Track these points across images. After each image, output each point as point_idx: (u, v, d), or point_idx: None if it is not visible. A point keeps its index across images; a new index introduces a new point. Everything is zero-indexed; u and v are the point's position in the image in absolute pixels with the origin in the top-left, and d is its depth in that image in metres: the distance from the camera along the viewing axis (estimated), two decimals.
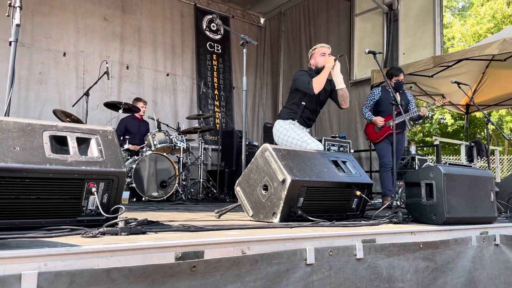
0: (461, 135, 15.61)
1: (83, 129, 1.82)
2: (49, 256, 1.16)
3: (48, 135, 1.70)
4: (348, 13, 8.06)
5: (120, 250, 1.30)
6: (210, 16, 8.94)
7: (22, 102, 6.76)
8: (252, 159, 2.52)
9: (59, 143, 1.73)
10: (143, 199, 5.46)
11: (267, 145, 2.45)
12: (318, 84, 3.59)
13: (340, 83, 3.76)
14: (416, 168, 6.30)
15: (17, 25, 2.07)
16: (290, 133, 3.72)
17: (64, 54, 7.25)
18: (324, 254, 1.82)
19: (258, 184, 2.46)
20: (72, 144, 1.73)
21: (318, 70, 3.74)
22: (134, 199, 5.54)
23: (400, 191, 4.32)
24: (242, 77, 8.33)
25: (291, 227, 2.08)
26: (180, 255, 1.41)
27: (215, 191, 6.48)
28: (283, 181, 2.29)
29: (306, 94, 3.75)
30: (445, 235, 2.41)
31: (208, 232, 1.74)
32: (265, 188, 2.41)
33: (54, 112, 5.61)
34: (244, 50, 3.35)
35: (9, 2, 2.10)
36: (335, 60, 3.69)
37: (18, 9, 2.08)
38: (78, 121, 5.62)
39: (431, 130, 16.88)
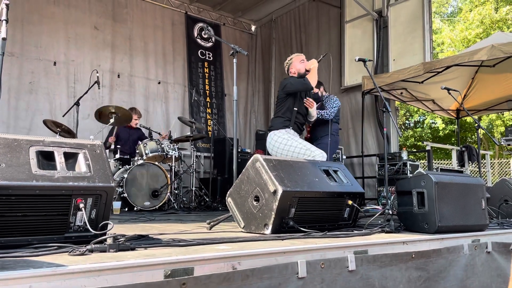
0: (453, 139, 15.73)
1: (71, 143, 1.80)
2: (34, 278, 1.13)
3: (35, 150, 1.67)
4: (338, 20, 8.12)
5: (107, 269, 1.28)
6: (201, 24, 8.96)
7: (12, 112, 6.70)
8: (243, 170, 2.50)
9: (46, 158, 1.71)
10: (135, 208, 5.41)
11: (258, 155, 2.44)
12: (313, 80, 3.79)
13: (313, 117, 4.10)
14: (408, 173, 6.32)
15: (3, 39, 2.05)
16: (291, 142, 3.68)
17: (55, 63, 7.22)
18: (316, 267, 1.81)
19: (249, 195, 2.44)
20: (60, 160, 1.71)
21: (301, 76, 3.93)
22: (126, 209, 5.49)
23: (392, 198, 4.32)
24: (234, 85, 8.30)
25: (282, 239, 2.06)
26: (169, 272, 1.39)
27: (207, 199, 6.45)
28: (274, 192, 2.28)
29: (296, 99, 3.85)
30: (437, 244, 2.40)
31: (198, 247, 1.72)
32: (257, 199, 2.39)
33: (45, 122, 5.56)
34: (234, 60, 3.34)
35: None
36: (319, 61, 4.00)
37: (4, 22, 2.06)
38: (68, 131, 5.57)
39: (423, 134, 16.99)
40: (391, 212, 2.85)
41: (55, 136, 5.55)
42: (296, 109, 3.87)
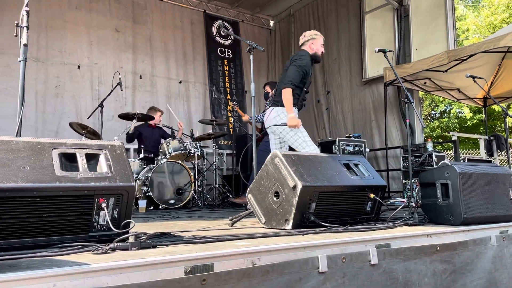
0: (481, 128, 15.29)
1: (92, 145, 1.84)
2: (58, 277, 1.17)
3: (58, 152, 1.72)
4: (358, 11, 8.00)
5: (129, 267, 1.30)
6: (218, 22, 9.00)
7: (40, 115, 6.89)
8: (263, 166, 2.51)
9: (69, 160, 1.76)
10: (160, 207, 5.50)
11: (276, 151, 2.44)
12: (286, 101, 3.58)
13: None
14: (434, 165, 6.19)
15: (25, 45, 2.10)
16: (302, 129, 3.62)
17: (79, 67, 7.37)
18: (337, 261, 1.80)
19: (269, 191, 2.44)
20: (82, 161, 1.75)
21: (316, 58, 3.86)
22: (152, 207, 5.59)
23: (416, 191, 4.25)
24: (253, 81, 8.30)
25: (303, 234, 2.06)
26: (190, 269, 1.41)
27: (231, 196, 6.49)
28: (294, 187, 2.28)
29: (307, 77, 3.75)
30: (463, 236, 2.35)
31: (218, 244, 1.73)
32: (277, 195, 2.40)
33: (71, 124, 5.71)
34: (251, 56, 3.34)
35: (16, 22, 2.14)
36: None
37: (25, 29, 2.12)
38: (94, 132, 5.71)
39: (450, 124, 16.58)
40: (414, 205, 2.80)
41: (81, 138, 5.70)
42: (305, 89, 3.80)
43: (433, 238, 2.23)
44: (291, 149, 3.74)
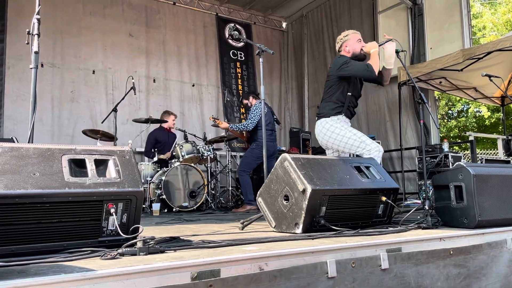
0: (500, 127, 14.98)
1: (101, 150, 1.86)
2: (65, 283, 1.18)
3: (67, 159, 1.75)
4: (371, 11, 7.93)
5: (135, 272, 1.31)
6: (230, 25, 9.03)
7: (56, 120, 7.01)
8: (272, 170, 2.50)
9: (78, 166, 1.78)
10: (174, 210, 5.54)
11: (286, 154, 2.43)
12: (376, 68, 3.35)
13: (392, 64, 3.59)
14: (450, 166, 6.08)
15: (36, 53, 2.14)
16: (344, 133, 3.34)
17: (93, 72, 7.48)
18: (346, 266, 1.78)
19: (279, 195, 2.43)
20: (91, 166, 1.77)
21: (356, 57, 3.52)
22: (165, 210, 5.63)
23: (430, 193, 4.18)
24: (266, 83, 8.32)
25: (312, 238, 2.04)
26: (196, 274, 1.41)
27: (244, 198, 6.48)
28: (304, 191, 2.26)
29: (351, 82, 3.46)
30: (478, 239, 2.30)
31: (226, 248, 1.73)
32: (286, 198, 2.38)
33: (84, 132, 5.81)
34: (261, 59, 3.34)
35: (27, 30, 2.18)
36: (380, 45, 3.52)
37: (36, 36, 2.15)
38: (107, 135, 5.79)
39: (467, 124, 16.29)
40: (428, 207, 2.75)
41: (96, 142, 5.79)
42: (350, 94, 3.46)
43: (446, 242, 2.18)
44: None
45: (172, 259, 1.47)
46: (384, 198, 2.59)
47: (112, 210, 1.73)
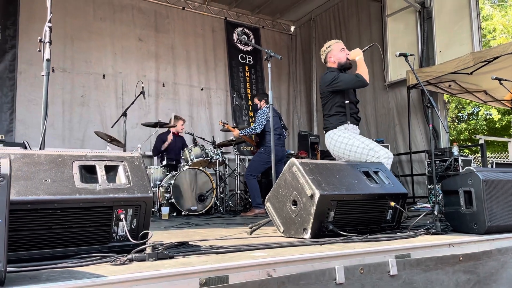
0: (511, 130, 14.83)
1: (111, 157, 1.88)
2: None
3: (78, 165, 1.77)
4: (379, 14, 7.92)
5: (144, 278, 1.32)
6: (239, 29, 9.07)
7: (66, 124, 7.09)
8: (280, 174, 2.51)
9: (89, 172, 1.80)
10: (183, 213, 5.56)
11: (294, 159, 2.43)
12: (366, 75, 3.37)
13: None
14: (460, 169, 6.04)
15: (47, 60, 2.17)
16: (353, 142, 3.31)
17: (104, 76, 7.55)
18: (354, 272, 1.78)
19: (287, 200, 2.44)
20: (101, 172, 1.80)
21: (342, 66, 3.56)
22: (174, 214, 5.66)
23: (440, 197, 4.15)
24: (275, 86, 8.32)
25: (321, 244, 2.04)
26: (205, 281, 1.42)
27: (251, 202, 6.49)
28: (312, 196, 2.26)
29: (344, 92, 3.47)
30: (487, 245, 2.28)
31: (234, 254, 1.74)
32: (294, 203, 2.39)
33: (96, 133, 5.87)
34: (269, 65, 3.35)
35: (39, 37, 2.22)
36: (364, 51, 3.53)
37: (48, 44, 2.19)
38: (118, 140, 5.85)
39: (478, 127, 16.14)
40: (436, 212, 2.74)
41: (106, 145, 5.84)
42: (347, 101, 3.47)
43: (455, 248, 2.17)
44: None
45: (181, 265, 1.48)
46: (392, 203, 2.58)
47: (122, 216, 1.75)
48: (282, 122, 6.09)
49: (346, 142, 3.35)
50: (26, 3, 6.95)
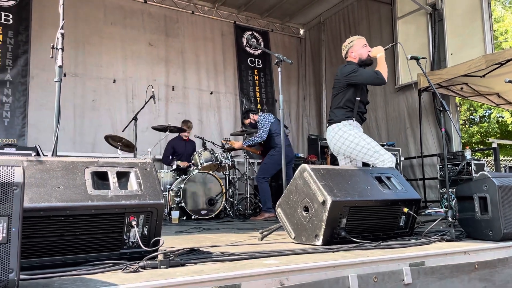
0: None
1: (123, 163, 1.88)
2: None
3: (90, 171, 1.77)
4: (390, 17, 7.87)
5: (156, 287, 1.32)
6: (248, 33, 9.09)
7: (78, 129, 7.13)
8: (291, 180, 2.49)
9: (101, 178, 1.80)
10: (193, 217, 5.56)
11: (305, 165, 2.41)
12: (385, 73, 3.37)
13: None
14: (473, 173, 5.96)
15: (60, 67, 2.19)
16: (358, 141, 3.27)
17: (114, 81, 7.59)
18: (368, 281, 1.75)
19: (298, 206, 2.42)
20: (113, 179, 1.80)
21: (363, 62, 3.51)
22: (184, 218, 5.66)
23: (453, 203, 4.09)
24: (284, 90, 8.31)
25: (333, 251, 2.02)
26: None
27: (262, 206, 6.47)
28: (324, 202, 2.24)
29: (358, 88, 3.43)
30: (503, 253, 2.24)
31: (246, 262, 1.72)
32: (306, 209, 2.37)
33: (106, 138, 5.90)
34: (279, 69, 3.33)
35: (52, 44, 2.24)
36: (386, 49, 3.52)
37: (60, 51, 2.20)
38: (128, 144, 5.87)
39: (490, 130, 15.94)
40: (450, 218, 2.69)
41: (116, 150, 5.87)
42: (358, 98, 3.43)
43: (471, 255, 2.13)
44: (365, 165, 3.41)
45: (193, 273, 1.47)
46: (406, 210, 2.55)
47: (134, 223, 1.74)
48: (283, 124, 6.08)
49: (351, 139, 3.32)
50: (38, 9, 7.03)
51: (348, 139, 3.33)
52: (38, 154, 5.48)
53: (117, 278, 1.41)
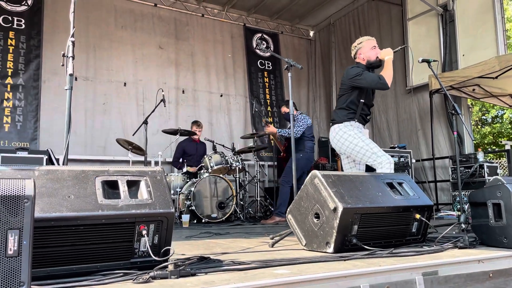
0: None
1: (133, 171, 1.88)
2: None
3: (100, 180, 1.78)
4: (400, 18, 7.81)
5: None
6: (258, 35, 9.08)
7: (89, 132, 7.20)
8: (302, 186, 2.47)
9: (111, 187, 1.80)
10: (203, 221, 5.57)
11: (316, 171, 2.39)
12: (389, 78, 3.32)
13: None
14: (486, 176, 5.88)
15: (70, 75, 2.20)
16: (357, 142, 3.30)
17: (125, 84, 7.64)
18: None
19: (309, 212, 2.40)
20: (123, 188, 1.80)
21: (371, 64, 3.50)
22: (195, 221, 5.67)
23: (466, 208, 4.03)
24: (294, 92, 8.30)
25: (344, 260, 2.00)
26: None
27: (272, 209, 6.46)
28: (335, 209, 2.22)
29: (363, 91, 3.44)
30: None
31: (257, 271, 1.71)
32: (317, 216, 2.35)
33: (117, 140, 5.94)
34: (289, 74, 3.31)
35: (62, 52, 2.25)
36: (395, 52, 3.45)
37: (71, 59, 2.22)
38: (139, 148, 5.90)
39: (503, 130, 15.73)
40: (463, 223, 2.65)
41: (127, 152, 5.90)
42: (363, 101, 3.45)
43: (485, 264, 2.09)
44: (368, 168, 3.44)
45: (203, 284, 1.46)
46: (418, 216, 2.51)
47: (144, 232, 1.74)
48: None
49: (350, 140, 3.35)
50: (50, 14, 7.11)
51: (347, 140, 3.37)
52: (50, 158, 5.53)
53: None
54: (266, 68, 9.14)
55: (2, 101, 6.55)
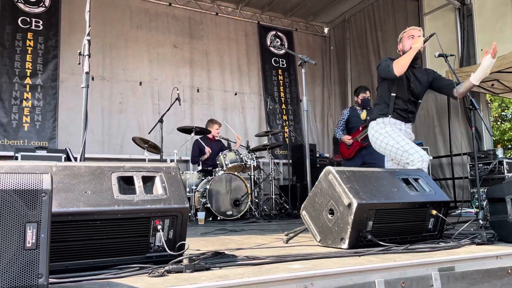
0: None
1: (148, 167, 1.91)
2: None
3: (116, 176, 1.80)
4: (417, 13, 7.70)
5: None
6: (272, 33, 9.07)
7: (106, 131, 7.30)
8: (316, 182, 2.47)
9: (127, 183, 1.83)
10: (218, 218, 5.60)
11: (330, 167, 2.39)
12: (399, 65, 3.14)
13: (479, 79, 3.34)
14: (505, 173, 5.76)
15: (86, 73, 2.24)
16: (388, 140, 3.20)
17: (140, 83, 7.73)
18: (395, 286, 1.71)
19: (323, 208, 2.39)
20: (138, 184, 1.82)
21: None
22: (210, 219, 5.70)
23: (484, 204, 3.97)
24: (309, 89, 8.25)
25: (359, 255, 1.99)
26: None
27: (287, 206, 6.46)
28: (349, 205, 2.21)
29: (393, 82, 3.31)
30: None
31: (271, 266, 1.72)
32: (331, 212, 2.34)
33: (133, 139, 6.01)
34: (303, 70, 3.31)
35: (79, 51, 2.29)
36: (425, 41, 3.32)
37: (87, 57, 2.25)
38: (155, 146, 5.96)
39: None
40: (481, 220, 2.61)
41: (143, 151, 5.97)
42: (394, 94, 3.29)
43: (503, 260, 2.06)
44: None
45: (218, 278, 1.48)
46: (434, 212, 2.49)
47: (159, 227, 1.76)
48: None
49: (382, 139, 3.28)
50: (67, 15, 7.23)
51: (379, 139, 3.29)
52: (68, 156, 5.63)
53: (143, 282, 1.43)
54: (281, 65, 9.12)
55: (22, 101, 6.69)
